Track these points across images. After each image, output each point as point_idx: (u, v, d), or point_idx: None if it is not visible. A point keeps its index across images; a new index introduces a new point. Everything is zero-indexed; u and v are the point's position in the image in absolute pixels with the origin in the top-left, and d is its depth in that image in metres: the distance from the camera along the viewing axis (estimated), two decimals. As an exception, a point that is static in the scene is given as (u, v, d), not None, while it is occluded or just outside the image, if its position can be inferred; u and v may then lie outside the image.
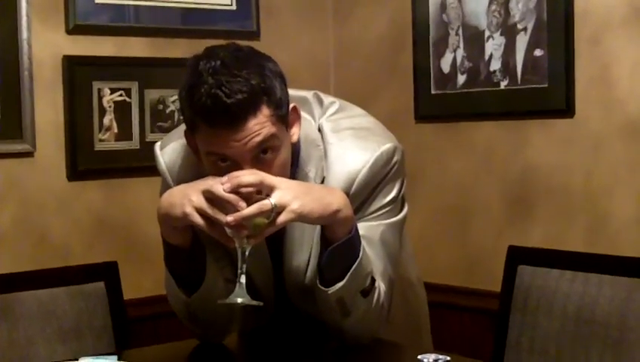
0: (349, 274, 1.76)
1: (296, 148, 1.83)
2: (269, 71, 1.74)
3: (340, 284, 1.77)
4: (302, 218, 1.71)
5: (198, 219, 1.69)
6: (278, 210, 1.67)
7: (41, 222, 2.89)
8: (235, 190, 1.66)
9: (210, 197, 1.68)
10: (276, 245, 1.89)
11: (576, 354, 2.10)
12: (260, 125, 1.70)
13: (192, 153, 1.84)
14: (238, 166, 1.71)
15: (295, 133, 1.82)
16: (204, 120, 1.69)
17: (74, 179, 2.93)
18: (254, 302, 1.70)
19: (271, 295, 1.94)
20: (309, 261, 1.88)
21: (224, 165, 1.72)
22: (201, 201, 1.68)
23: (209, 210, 1.67)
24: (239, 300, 1.68)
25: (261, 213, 1.66)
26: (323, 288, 1.79)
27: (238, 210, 1.65)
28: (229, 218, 1.65)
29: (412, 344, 2.02)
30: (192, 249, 1.80)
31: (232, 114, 1.67)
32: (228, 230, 1.67)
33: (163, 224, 1.77)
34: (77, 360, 1.81)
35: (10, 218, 2.83)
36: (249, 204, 1.66)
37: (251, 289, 1.76)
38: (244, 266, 1.68)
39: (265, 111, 1.71)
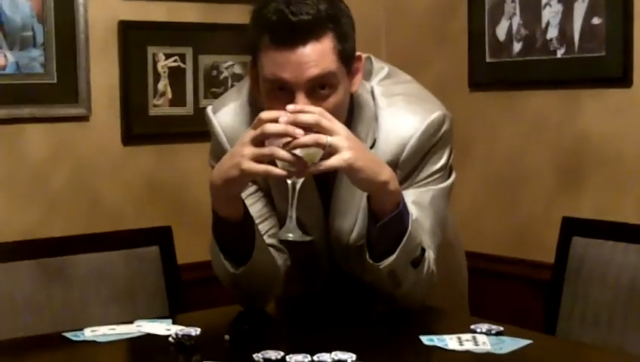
0: (399, 247, 1.76)
1: (348, 108, 1.83)
2: (340, 5, 1.76)
3: (391, 258, 1.77)
4: (351, 170, 1.69)
5: (258, 168, 1.67)
6: (330, 150, 1.67)
7: (95, 185, 2.92)
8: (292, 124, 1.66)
9: (262, 138, 1.67)
10: (326, 207, 1.90)
11: (628, 324, 2.10)
12: (321, 55, 1.70)
13: (248, 108, 1.88)
14: (292, 96, 1.71)
15: (356, 83, 1.82)
16: (268, 34, 1.71)
17: (128, 144, 2.95)
18: (306, 238, 1.72)
19: (325, 258, 1.95)
20: (354, 223, 1.89)
21: (280, 93, 1.72)
22: (252, 150, 1.67)
23: (265, 150, 1.66)
24: (290, 236, 1.70)
25: (317, 145, 1.65)
26: (374, 263, 1.79)
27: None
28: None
29: (451, 306, 2.03)
30: (242, 221, 1.81)
31: (295, 32, 1.69)
32: (279, 163, 1.66)
33: (219, 195, 1.77)
34: (132, 322, 1.84)
35: (65, 181, 2.87)
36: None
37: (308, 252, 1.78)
38: (295, 201, 1.69)
39: (329, 40, 1.72)
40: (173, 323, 1.83)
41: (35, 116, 2.79)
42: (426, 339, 1.69)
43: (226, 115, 1.93)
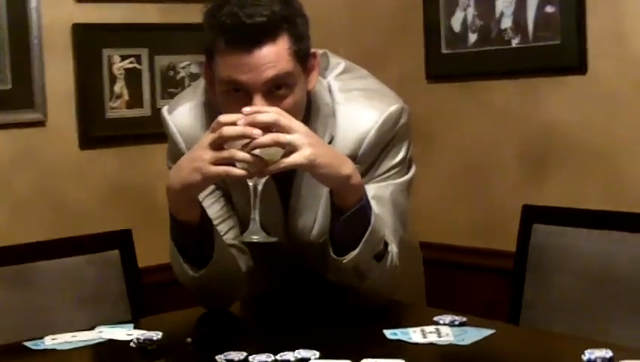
0: (362, 241, 1.76)
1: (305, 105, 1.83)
2: (294, 5, 1.76)
3: (355, 252, 1.77)
4: (312, 166, 1.69)
5: (220, 170, 1.67)
6: (290, 148, 1.66)
7: (57, 190, 2.89)
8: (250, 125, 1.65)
9: (221, 142, 1.66)
10: (285, 206, 1.90)
11: (592, 311, 2.11)
12: (277, 56, 1.70)
13: (204, 108, 1.87)
14: (249, 98, 1.70)
15: (312, 81, 1.82)
16: (223, 37, 1.70)
17: (86, 148, 2.93)
18: (271, 239, 1.72)
19: (286, 257, 1.95)
20: (314, 221, 1.89)
21: (237, 95, 1.72)
22: (212, 153, 1.67)
23: (224, 153, 1.66)
24: (255, 238, 1.70)
25: (276, 144, 1.65)
26: (338, 258, 1.78)
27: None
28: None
29: (412, 302, 2.03)
30: (200, 223, 1.80)
31: (250, 34, 1.69)
32: (239, 164, 1.66)
33: (177, 199, 1.76)
34: (93, 328, 1.82)
35: (26, 187, 2.84)
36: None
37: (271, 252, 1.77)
38: (258, 202, 1.69)
39: (284, 41, 1.72)
40: (135, 327, 1.82)
41: (-9, 123, 2.76)
42: (389, 333, 1.70)
43: (182, 115, 1.92)
